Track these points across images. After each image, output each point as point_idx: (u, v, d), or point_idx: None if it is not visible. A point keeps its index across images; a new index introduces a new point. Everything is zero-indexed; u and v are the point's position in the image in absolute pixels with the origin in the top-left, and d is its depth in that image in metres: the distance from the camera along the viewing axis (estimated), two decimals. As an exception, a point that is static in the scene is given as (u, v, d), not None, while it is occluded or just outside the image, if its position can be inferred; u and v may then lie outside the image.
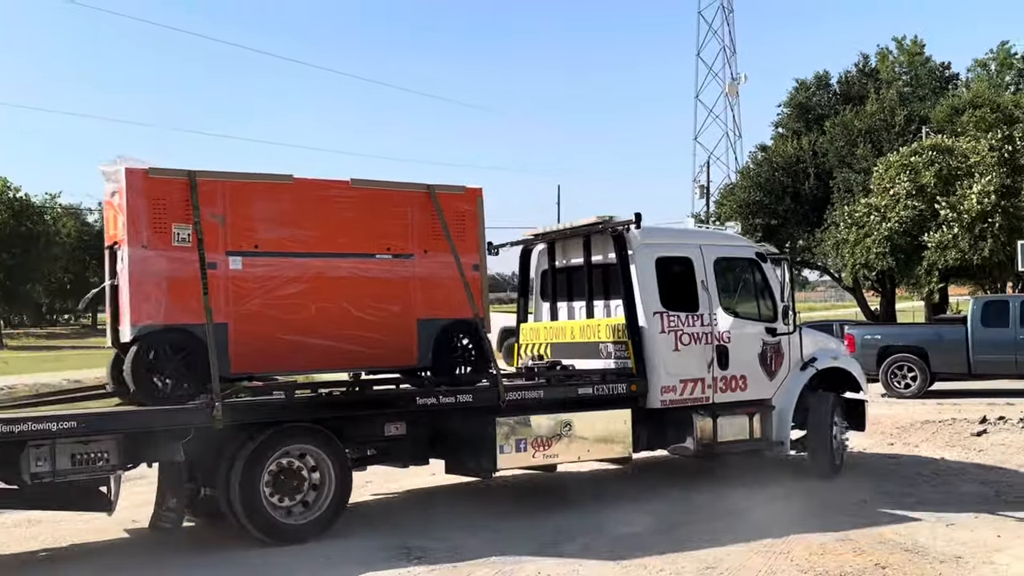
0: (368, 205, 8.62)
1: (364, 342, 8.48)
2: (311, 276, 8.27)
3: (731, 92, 63.86)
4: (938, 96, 36.64)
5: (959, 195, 26.23)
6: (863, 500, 9.23)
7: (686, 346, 9.94)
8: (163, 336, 7.66)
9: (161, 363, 7.67)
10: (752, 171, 36.65)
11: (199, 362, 7.65)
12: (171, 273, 7.66)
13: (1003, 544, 7.49)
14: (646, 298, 9.83)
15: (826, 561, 7.07)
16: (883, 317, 35.26)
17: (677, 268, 10.18)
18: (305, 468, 8.03)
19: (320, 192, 8.44)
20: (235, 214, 7.97)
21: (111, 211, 8.02)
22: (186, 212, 7.71)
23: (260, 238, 8.08)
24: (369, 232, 8.61)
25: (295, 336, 8.15)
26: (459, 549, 7.65)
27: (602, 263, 10.32)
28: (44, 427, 7.00)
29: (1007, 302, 19.80)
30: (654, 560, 7.17)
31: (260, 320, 8.00)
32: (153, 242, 7.60)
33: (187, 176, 7.76)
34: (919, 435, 13.78)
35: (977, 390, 19.58)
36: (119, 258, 7.81)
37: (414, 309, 8.74)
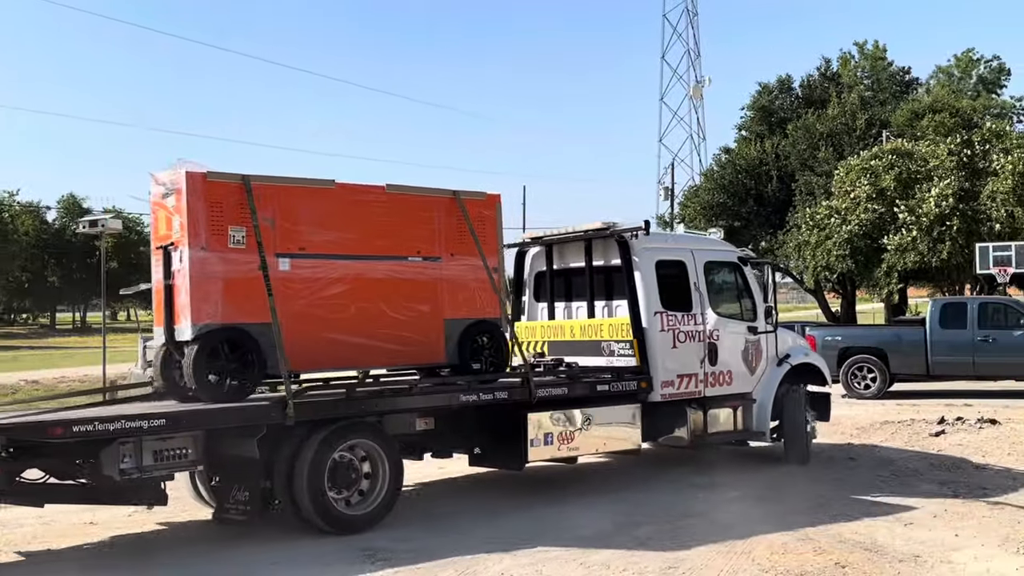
0: (401, 210, 9.10)
1: (398, 340, 8.95)
2: (352, 277, 8.68)
3: (695, 95, 64.24)
4: (898, 100, 37.19)
5: (918, 198, 26.61)
6: (823, 500, 9.30)
7: (682, 344, 10.66)
8: (221, 335, 7.92)
9: (219, 361, 7.91)
10: (716, 173, 36.95)
11: (254, 360, 8.01)
12: (228, 274, 7.97)
13: (960, 543, 7.58)
14: (648, 299, 10.48)
15: (787, 560, 7.12)
16: (844, 319, 35.68)
17: (673, 271, 10.88)
18: (356, 459, 8.38)
19: (358, 197, 8.88)
20: (283, 217, 8.29)
21: (163, 212, 8.17)
22: (240, 215, 8.01)
23: (306, 241, 8.43)
24: (402, 236, 9.05)
25: (337, 335, 8.55)
26: (423, 550, 7.61)
27: (603, 266, 10.94)
28: (136, 425, 7.23)
29: (965, 304, 20.09)
30: (617, 560, 7.18)
31: (306, 320, 8.35)
32: (211, 244, 7.88)
33: (241, 180, 8.07)
34: (878, 435, 13.93)
35: (935, 391, 19.84)
36: (176, 259, 7.98)
37: (442, 309, 9.26)
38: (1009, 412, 16.04)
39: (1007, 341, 18.89)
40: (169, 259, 8.06)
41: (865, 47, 42.62)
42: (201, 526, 8.73)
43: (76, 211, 65.99)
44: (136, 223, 69.51)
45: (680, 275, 10.89)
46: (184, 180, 7.82)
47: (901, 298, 32.78)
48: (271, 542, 7.91)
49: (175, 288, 8.02)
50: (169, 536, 8.52)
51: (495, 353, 9.67)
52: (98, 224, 16.66)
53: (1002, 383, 19.73)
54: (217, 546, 7.90)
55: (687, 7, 65.01)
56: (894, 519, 8.44)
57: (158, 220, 8.32)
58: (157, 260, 8.22)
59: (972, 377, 19.57)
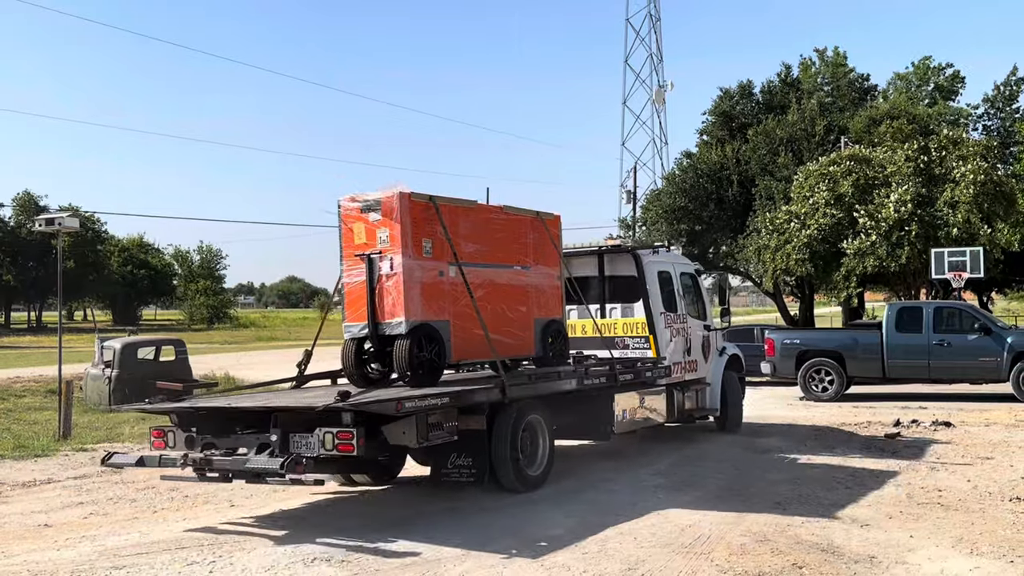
0: (509, 226, 10.85)
1: (511, 336, 10.67)
2: (487, 283, 10.34)
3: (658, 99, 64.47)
4: (857, 107, 37.54)
5: (876, 203, 26.93)
6: (781, 501, 9.39)
7: (675, 338, 13.41)
8: (422, 330, 9.35)
9: (422, 352, 9.32)
10: (677, 177, 37.07)
11: (441, 352, 9.53)
12: (423, 279, 9.39)
13: (915, 544, 7.68)
14: (655, 302, 13.09)
15: (745, 562, 7.17)
16: (802, 322, 36.07)
17: (665, 280, 13.52)
18: (530, 431, 10.11)
19: (486, 215, 10.54)
20: (450, 231, 9.68)
21: (360, 225, 9.40)
22: (428, 229, 9.45)
23: (462, 251, 9.87)
24: (510, 248, 10.83)
25: (480, 331, 9.89)
26: (385, 551, 7.58)
27: (612, 276, 13.27)
28: (432, 403, 8.66)
29: (920, 308, 20.39)
30: (577, 562, 7.18)
31: (465, 318, 9.84)
32: (415, 253, 9.28)
33: (429, 200, 9.50)
34: (835, 438, 14.10)
35: (892, 394, 20.12)
36: (384, 265, 9.25)
37: (532, 310, 11.12)
38: (963, 415, 16.32)
39: (961, 345, 19.21)
40: (372, 265, 9.29)
41: (825, 54, 43.01)
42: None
43: (32, 209, 64.94)
44: (93, 222, 68.66)
45: (667, 284, 13.53)
46: (397, 199, 9.15)
47: (859, 302, 33.18)
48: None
49: (384, 290, 9.29)
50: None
51: (563, 347, 11.59)
52: (55, 223, 16.36)
53: (956, 386, 20.04)
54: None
55: (650, 12, 65.25)
56: (850, 520, 8.53)
57: (353, 232, 9.46)
58: (352, 265, 9.47)
59: (927, 380, 19.89)
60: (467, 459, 9.65)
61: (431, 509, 9.32)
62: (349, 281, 9.53)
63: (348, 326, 9.57)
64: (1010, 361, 18.78)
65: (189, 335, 45.25)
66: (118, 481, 11.35)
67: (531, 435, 10.13)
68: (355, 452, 8.10)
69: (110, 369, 18.88)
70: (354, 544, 7.86)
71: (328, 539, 8.06)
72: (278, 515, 9.23)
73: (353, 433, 8.04)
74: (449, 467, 9.77)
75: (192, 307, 76.78)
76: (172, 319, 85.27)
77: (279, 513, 9.34)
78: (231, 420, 8.87)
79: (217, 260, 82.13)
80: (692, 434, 14.52)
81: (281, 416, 8.48)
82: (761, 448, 13.16)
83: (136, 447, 13.80)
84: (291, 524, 8.79)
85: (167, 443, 9.03)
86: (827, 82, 41.64)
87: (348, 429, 8.08)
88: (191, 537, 8.27)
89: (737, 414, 14.88)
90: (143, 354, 19.88)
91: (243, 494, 10.40)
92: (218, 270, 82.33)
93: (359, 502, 9.84)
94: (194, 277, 79.23)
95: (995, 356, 18.91)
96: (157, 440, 9.16)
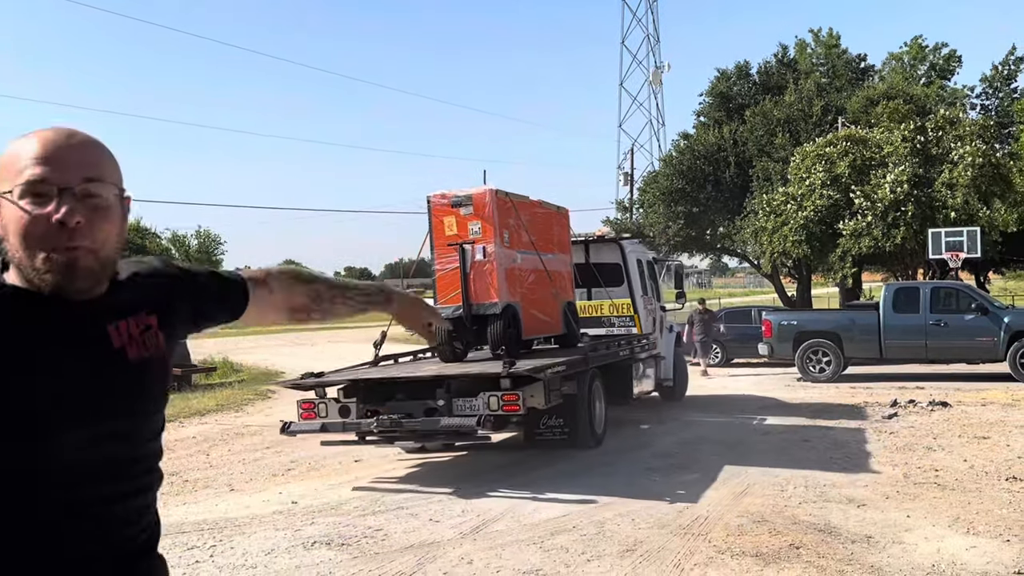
0: (543, 217, 12.34)
1: (549, 315, 12.05)
2: (536, 269, 11.65)
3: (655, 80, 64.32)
4: (854, 87, 37.42)
5: (873, 184, 26.92)
6: (779, 483, 9.42)
7: (649, 317, 15.16)
8: (510, 310, 10.78)
9: (509, 329, 10.73)
10: (674, 159, 36.92)
11: (518, 328, 10.96)
12: (506, 265, 10.78)
13: (912, 524, 7.72)
14: (636, 286, 14.84)
15: (743, 542, 7.21)
16: (799, 303, 36.07)
17: (640, 266, 15.29)
18: (593, 394, 11.47)
19: (534, 208, 12.01)
20: (516, 223, 11.14)
21: (451, 218, 10.66)
22: (504, 221, 10.81)
23: (521, 241, 11.26)
24: (545, 237, 12.20)
25: (534, 311, 11.48)
26: (381, 535, 7.62)
27: (597, 263, 14.70)
28: (579, 369, 10.84)
29: (917, 288, 20.40)
30: (576, 544, 7.22)
31: (527, 300, 11.30)
32: (501, 242, 10.65)
33: (505, 195, 11.03)
34: (832, 418, 14.14)
35: (889, 374, 20.18)
36: (477, 253, 10.54)
37: (559, 293, 12.42)
38: (960, 395, 16.36)
39: (958, 325, 19.24)
40: (465, 253, 10.53)
41: (820, 35, 42.84)
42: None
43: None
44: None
45: (641, 269, 15.28)
46: (489, 195, 10.64)
47: (855, 283, 33.18)
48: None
49: (477, 274, 10.58)
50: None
51: (576, 326, 12.77)
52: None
53: (953, 366, 20.09)
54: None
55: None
56: (847, 501, 8.57)
57: (444, 224, 10.69)
58: (443, 254, 10.68)
59: (924, 361, 19.91)
60: (558, 420, 10.93)
61: (426, 492, 9.36)
62: (441, 268, 10.75)
63: (441, 308, 10.56)
64: (1007, 341, 18.81)
65: (187, 320, 45.21)
66: (117, 466, 11.37)
67: (596, 399, 11.57)
68: (521, 411, 9.40)
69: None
70: (353, 526, 7.89)
71: (327, 521, 8.09)
72: (277, 499, 9.26)
73: (519, 395, 9.25)
74: (541, 428, 11.05)
75: (190, 292, 76.75)
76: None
77: (278, 497, 9.37)
78: (392, 389, 10.07)
79: (216, 245, 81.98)
80: (690, 417, 14.58)
81: (454, 383, 9.70)
82: (759, 430, 13.22)
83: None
84: (290, 508, 8.82)
85: (317, 414, 9.92)
86: (822, 63, 41.49)
87: (515, 391, 9.29)
88: (191, 522, 8.30)
89: (683, 386, 16.65)
90: (141, 339, 19.88)
91: (243, 478, 10.44)
92: (216, 255, 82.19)
93: (353, 485, 9.87)
94: (192, 262, 79.29)
95: (992, 336, 18.94)
96: (307, 413, 9.97)
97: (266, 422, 14.81)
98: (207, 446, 12.71)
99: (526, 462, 10.86)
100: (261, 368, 23.58)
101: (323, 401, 9.97)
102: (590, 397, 11.31)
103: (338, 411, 9.86)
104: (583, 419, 11.10)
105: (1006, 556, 6.76)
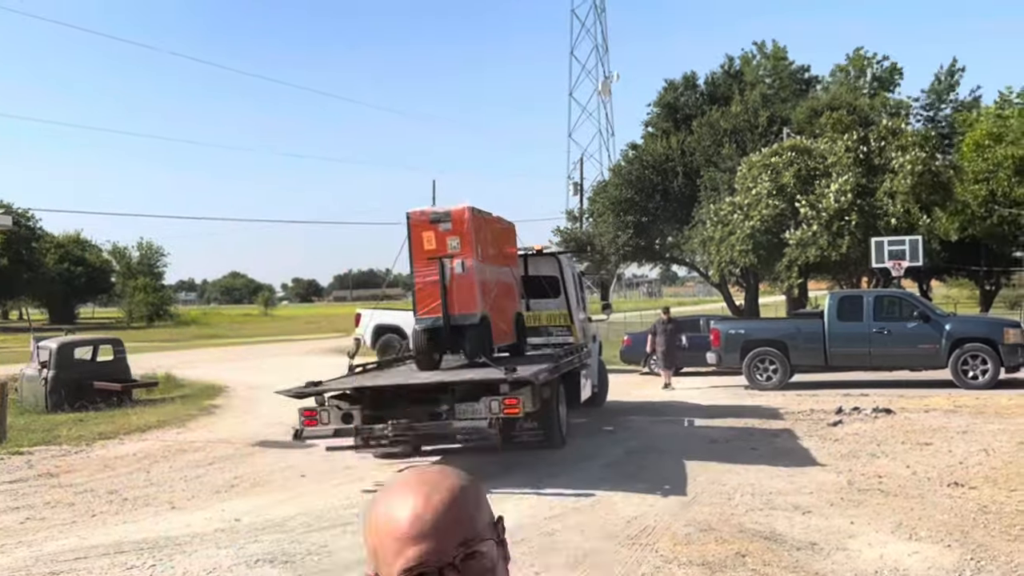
0: (503, 234, 12.87)
1: (507, 325, 12.42)
2: (498, 281, 12.06)
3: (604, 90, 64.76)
4: (799, 98, 37.94)
5: (818, 194, 27.29)
6: (725, 491, 9.46)
7: (584, 327, 15.91)
8: (486, 319, 11.21)
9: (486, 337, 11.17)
10: (623, 169, 37.08)
11: (491, 338, 11.33)
12: (483, 278, 11.23)
13: (856, 530, 7.79)
14: (573, 297, 15.38)
15: (690, 551, 7.21)
16: (747, 312, 36.44)
17: (574, 279, 15.91)
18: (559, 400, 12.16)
19: (496, 224, 12.49)
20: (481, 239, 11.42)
21: (429, 233, 11.02)
22: (476, 236, 11.12)
23: (488, 255, 11.70)
24: (502, 251, 12.64)
25: (498, 321, 11.73)
26: (327, 551, 7.50)
27: (535, 275, 15.02)
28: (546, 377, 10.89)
29: (861, 297, 20.70)
30: (524, 556, 7.16)
31: (493, 310, 11.56)
32: (475, 256, 11.02)
33: (479, 212, 11.48)
34: (779, 426, 14.26)
35: (834, 381, 20.40)
36: (456, 267, 10.92)
37: (513, 304, 12.97)
38: (903, 402, 16.60)
39: (901, 332, 19.54)
40: (444, 267, 10.91)
41: (765, 47, 43.40)
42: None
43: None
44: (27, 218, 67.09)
45: (575, 282, 15.87)
46: (468, 212, 11.06)
47: (802, 291, 33.61)
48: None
49: (456, 286, 10.95)
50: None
51: (524, 336, 13.39)
52: (-13, 220, 15.94)
53: (897, 373, 20.39)
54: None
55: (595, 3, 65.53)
56: (793, 508, 8.62)
57: (423, 239, 11.07)
58: (422, 267, 11.03)
59: (868, 368, 20.18)
60: (533, 423, 11.40)
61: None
62: (420, 281, 11.13)
63: (421, 318, 11.15)
64: (948, 348, 19.13)
65: (128, 334, 44.44)
66: (56, 485, 11.08)
67: (561, 403, 12.26)
68: (520, 414, 10.00)
69: (46, 370, 18.42)
70: (297, 543, 7.76)
71: (271, 539, 7.94)
72: (220, 516, 9.08)
73: (519, 399, 9.83)
74: (518, 431, 11.43)
75: (131, 305, 75.27)
76: (111, 317, 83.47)
77: (221, 514, 9.18)
78: (397, 395, 10.49)
79: (158, 256, 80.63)
80: (638, 426, 14.62)
81: (459, 389, 10.20)
82: (707, 438, 13.27)
83: (74, 449, 13.51)
84: (233, 525, 8.65)
85: (319, 421, 10.16)
86: (768, 74, 42.04)
87: (515, 396, 9.86)
88: (130, 541, 8.10)
89: (604, 392, 17.22)
90: (80, 354, 19.43)
91: (184, 496, 10.22)
92: (158, 267, 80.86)
93: (296, 502, 9.72)
94: (133, 274, 77.60)
95: (934, 343, 19.26)
96: (309, 420, 10.19)
97: (209, 438, 14.55)
98: (148, 463, 12.43)
99: (479, 471, 10.77)
100: (205, 383, 23.16)
101: (325, 409, 10.21)
102: (558, 401, 11.99)
103: (340, 418, 10.16)
104: (555, 422, 11.76)
105: (947, 561, 6.84)
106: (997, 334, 19.29)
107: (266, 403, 18.55)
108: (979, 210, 35.92)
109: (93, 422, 15.87)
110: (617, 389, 19.17)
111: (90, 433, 14.74)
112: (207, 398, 20.09)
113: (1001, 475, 9.95)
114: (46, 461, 12.64)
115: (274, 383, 11.01)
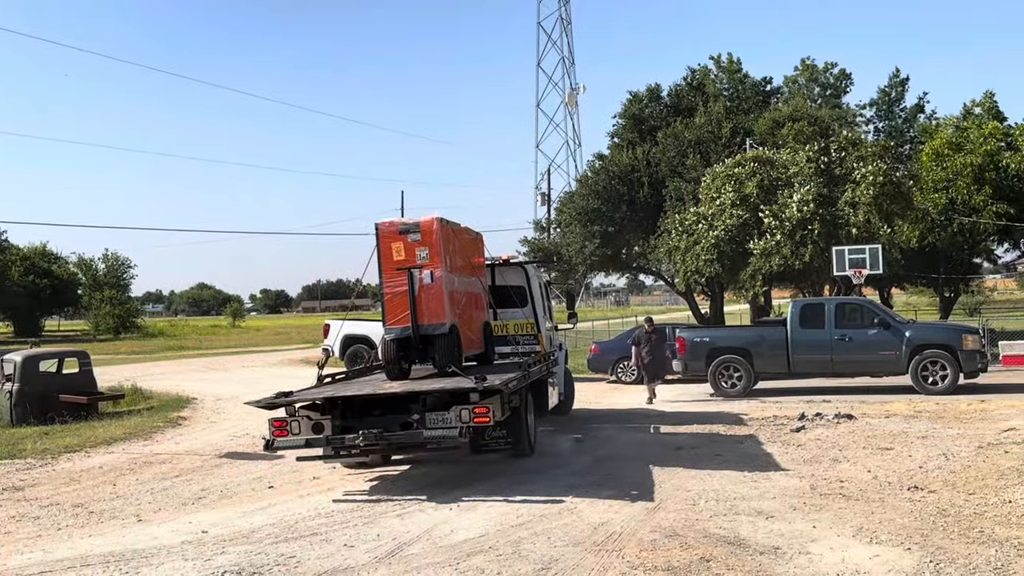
0: (472, 244, 13.07)
1: (474, 334, 12.55)
2: (466, 290, 12.28)
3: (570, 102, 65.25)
4: (761, 110, 38.36)
5: (780, 204, 27.62)
6: (690, 497, 9.58)
7: (550, 336, 16.23)
8: (455, 329, 11.37)
9: (453, 348, 11.27)
10: (590, 179, 37.29)
11: (460, 347, 11.48)
12: (451, 289, 11.41)
13: (818, 535, 7.93)
14: (541, 307, 15.69)
15: (655, 557, 7.31)
16: (712, 320, 36.74)
17: (541, 289, 16.17)
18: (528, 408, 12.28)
19: (464, 235, 12.59)
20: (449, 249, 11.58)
21: (399, 244, 11.15)
22: (445, 247, 11.26)
23: (456, 265, 11.86)
24: (470, 261, 12.80)
25: (467, 332, 11.95)
26: (295, 562, 7.51)
27: (503, 285, 14.97)
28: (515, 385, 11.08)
29: (822, 304, 20.99)
30: (490, 564, 7.23)
31: (461, 320, 11.78)
32: (444, 267, 11.17)
33: (448, 223, 11.63)
34: (742, 432, 14.44)
35: (797, 388, 20.66)
36: (425, 277, 11.09)
37: (480, 314, 13.10)
38: (865, 407, 16.86)
39: (862, 339, 19.85)
40: (413, 277, 11.08)
41: (720, 60, 43.71)
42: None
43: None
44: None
45: (541, 292, 16.17)
46: (436, 223, 11.20)
47: (766, 299, 33.94)
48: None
49: (425, 297, 11.12)
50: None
51: (492, 345, 13.53)
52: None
53: (858, 380, 20.69)
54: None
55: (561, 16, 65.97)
56: (756, 513, 8.76)
57: (392, 250, 11.17)
58: (391, 278, 11.15)
59: (830, 374, 20.47)
60: (502, 431, 11.47)
61: (343, 513, 9.27)
62: (389, 291, 11.22)
63: (390, 328, 11.30)
64: (909, 354, 19.47)
65: (94, 346, 44.01)
66: (21, 499, 10.99)
67: (529, 411, 12.35)
68: (491, 422, 10.11)
69: (11, 383, 18.24)
70: (265, 555, 7.77)
71: (238, 550, 7.95)
72: (187, 528, 9.05)
73: (489, 408, 9.95)
74: (487, 439, 11.58)
75: (97, 317, 74.37)
76: (77, 329, 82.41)
77: (188, 526, 9.16)
78: (368, 405, 10.47)
79: (124, 268, 79.75)
80: (605, 434, 14.73)
81: (429, 399, 10.26)
82: (672, 444, 13.41)
83: (39, 463, 13.39)
84: (200, 537, 8.63)
85: (290, 432, 10.20)
86: (726, 88, 42.44)
87: (485, 404, 9.97)
88: (96, 554, 8.07)
89: (571, 400, 17.53)
90: (45, 367, 19.26)
91: (151, 508, 10.18)
92: (125, 279, 79.95)
93: (265, 512, 9.71)
94: (99, 286, 76.72)
95: (894, 350, 19.59)
96: (279, 431, 10.22)
97: (176, 450, 14.48)
98: (114, 476, 12.35)
99: (446, 481, 10.88)
100: (172, 395, 22.99)
101: (295, 419, 10.25)
102: (527, 410, 12.09)
103: (311, 428, 10.23)
104: (524, 430, 11.86)
105: (907, 564, 7.00)
106: (956, 340, 19.66)
107: (234, 414, 18.51)
108: (939, 218, 36.54)
109: (59, 435, 15.73)
110: (585, 397, 19.32)
111: (56, 446, 14.62)
112: (174, 410, 19.96)
113: (960, 479, 10.15)
114: (11, 475, 12.52)
115: (242, 394, 11.00)
